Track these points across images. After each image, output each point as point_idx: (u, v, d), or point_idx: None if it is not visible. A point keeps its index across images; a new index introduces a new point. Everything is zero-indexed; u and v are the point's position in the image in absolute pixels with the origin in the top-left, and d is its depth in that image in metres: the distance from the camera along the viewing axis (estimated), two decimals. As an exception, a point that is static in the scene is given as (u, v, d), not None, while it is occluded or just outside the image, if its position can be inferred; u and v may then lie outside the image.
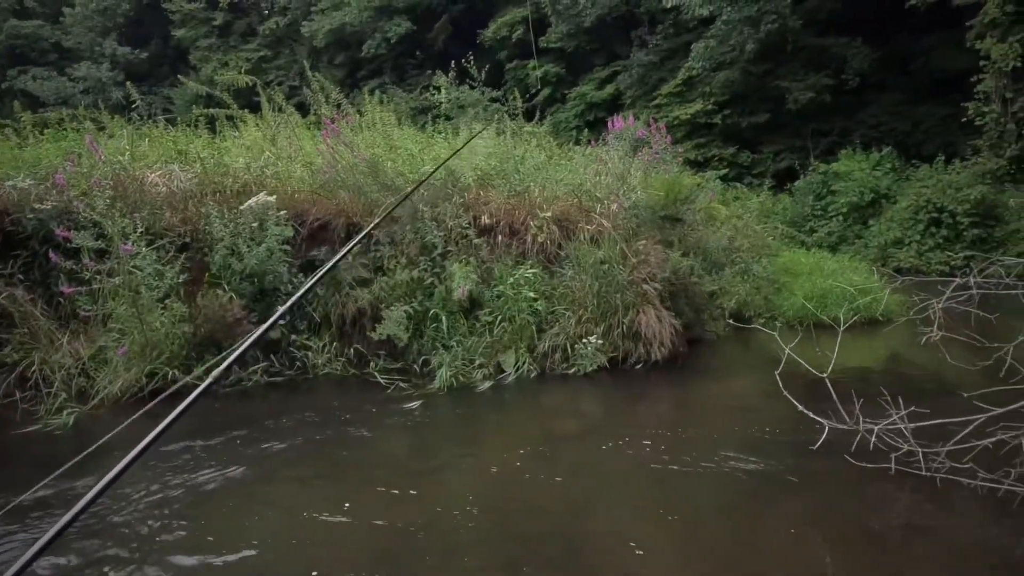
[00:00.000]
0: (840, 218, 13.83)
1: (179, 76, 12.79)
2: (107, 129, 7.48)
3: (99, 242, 5.60)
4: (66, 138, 7.28)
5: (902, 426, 3.53)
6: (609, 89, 22.26)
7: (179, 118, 8.16)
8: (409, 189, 5.06)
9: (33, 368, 5.33)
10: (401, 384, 5.59)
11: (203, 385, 1.58)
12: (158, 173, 6.41)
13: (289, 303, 2.43)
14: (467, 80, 11.33)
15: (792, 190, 15.61)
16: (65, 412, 4.94)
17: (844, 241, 13.43)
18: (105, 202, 5.66)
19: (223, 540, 3.12)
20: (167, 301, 5.60)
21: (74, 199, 5.79)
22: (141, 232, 5.68)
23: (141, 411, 2.01)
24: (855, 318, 6.88)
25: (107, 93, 28.09)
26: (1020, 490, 3.11)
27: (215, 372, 1.74)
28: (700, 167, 16.28)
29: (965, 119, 13.59)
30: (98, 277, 5.54)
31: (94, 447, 1.89)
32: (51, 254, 5.51)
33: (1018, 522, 3.01)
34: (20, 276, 5.78)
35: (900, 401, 3.59)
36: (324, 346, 6.06)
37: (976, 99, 13.29)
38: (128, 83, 8.78)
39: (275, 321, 2.11)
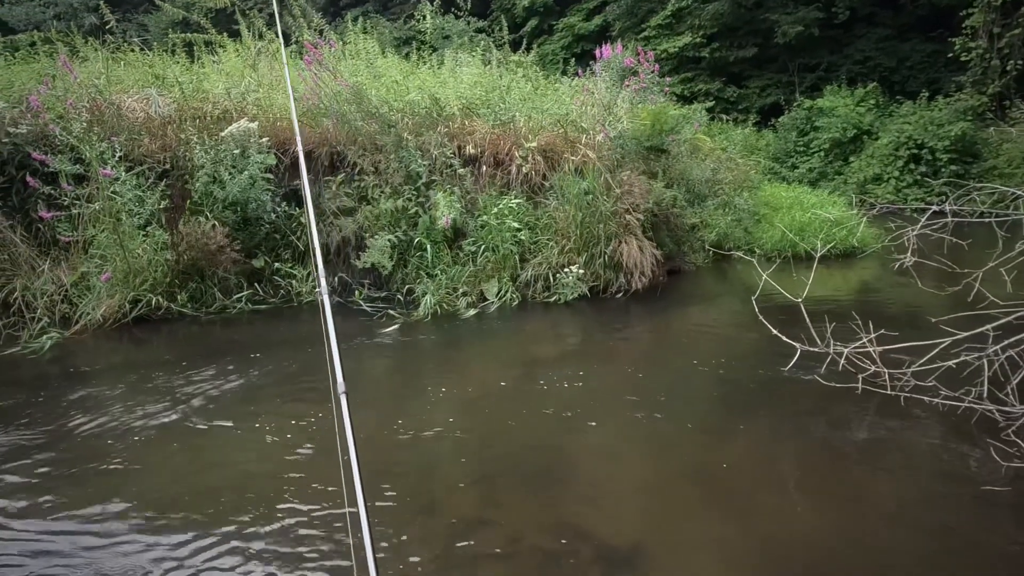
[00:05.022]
0: (822, 154, 13.80)
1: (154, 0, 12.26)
2: (81, 53, 7.22)
3: (77, 166, 5.53)
4: (38, 61, 7.04)
5: (871, 349, 3.64)
6: (597, 20, 21.66)
7: (155, 44, 7.85)
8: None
9: (15, 295, 5.34)
10: (391, 312, 5.65)
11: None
12: (135, 98, 6.25)
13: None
14: (452, 9, 11.02)
15: (776, 126, 15.53)
16: (44, 337, 5.01)
17: (824, 177, 13.45)
18: (82, 126, 5.56)
19: (212, 464, 3.20)
20: (148, 228, 5.58)
21: (49, 122, 5.67)
22: (120, 157, 5.60)
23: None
24: (832, 247, 7.02)
25: (79, 18, 26.81)
26: (979, 407, 3.25)
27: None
28: (687, 102, 16.09)
29: (951, 55, 13.52)
30: (77, 202, 5.50)
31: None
32: (28, 179, 5.43)
33: (974, 435, 3.17)
34: (-2, 201, 5.70)
35: (870, 325, 3.68)
36: (308, 275, 6.09)
37: (964, 34, 13.19)
38: (102, 4, 8.36)
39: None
